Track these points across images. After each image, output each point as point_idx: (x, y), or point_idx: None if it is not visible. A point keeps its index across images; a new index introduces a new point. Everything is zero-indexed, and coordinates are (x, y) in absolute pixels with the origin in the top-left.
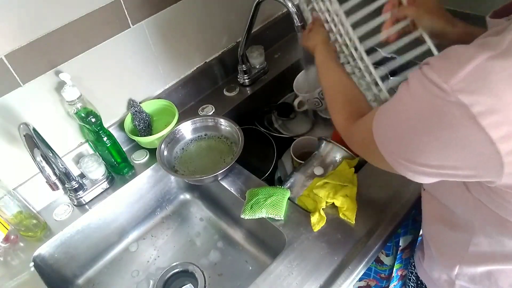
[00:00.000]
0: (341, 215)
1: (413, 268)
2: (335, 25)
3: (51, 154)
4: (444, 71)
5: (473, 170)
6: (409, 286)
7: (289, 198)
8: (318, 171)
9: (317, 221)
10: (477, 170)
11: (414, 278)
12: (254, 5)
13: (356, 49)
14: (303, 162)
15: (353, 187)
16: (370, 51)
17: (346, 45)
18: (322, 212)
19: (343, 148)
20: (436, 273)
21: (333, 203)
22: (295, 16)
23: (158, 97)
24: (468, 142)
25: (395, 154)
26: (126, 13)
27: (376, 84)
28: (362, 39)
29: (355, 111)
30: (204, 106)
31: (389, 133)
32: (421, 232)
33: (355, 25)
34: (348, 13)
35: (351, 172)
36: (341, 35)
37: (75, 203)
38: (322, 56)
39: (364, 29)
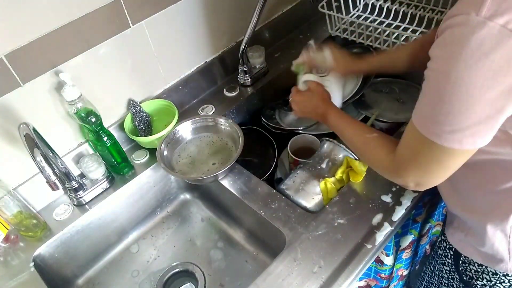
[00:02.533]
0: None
1: (447, 251)
2: None
3: (51, 154)
4: (468, 8)
5: None
6: (443, 270)
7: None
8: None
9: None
10: None
11: (450, 261)
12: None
13: None
14: (299, 159)
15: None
16: None
17: None
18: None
19: (344, 147)
20: (486, 238)
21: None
22: None
23: (158, 97)
24: None
25: (453, 130)
26: (126, 13)
27: None
28: None
29: (391, 143)
30: (204, 106)
31: (434, 107)
32: (435, 223)
33: None
34: None
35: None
36: None
37: (75, 203)
38: (337, 116)
39: None
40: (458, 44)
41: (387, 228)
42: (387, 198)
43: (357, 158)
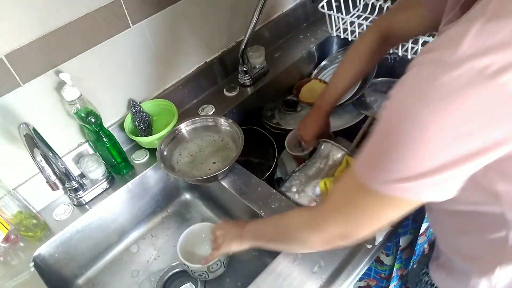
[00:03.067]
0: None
1: (430, 287)
2: None
3: (51, 154)
4: (444, 45)
5: (504, 140)
6: None
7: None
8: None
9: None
10: (508, 135)
11: None
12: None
13: None
14: (298, 154)
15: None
16: None
17: None
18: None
19: (342, 148)
20: (470, 283)
21: None
22: None
23: (158, 97)
24: (491, 106)
25: (403, 177)
26: (126, 13)
27: None
28: None
29: (306, 209)
30: (204, 106)
31: (385, 153)
32: (433, 251)
33: None
34: None
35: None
36: None
37: (75, 203)
38: (251, 224)
39: None
40: (424, 83)
41: (386, 228)
42: None
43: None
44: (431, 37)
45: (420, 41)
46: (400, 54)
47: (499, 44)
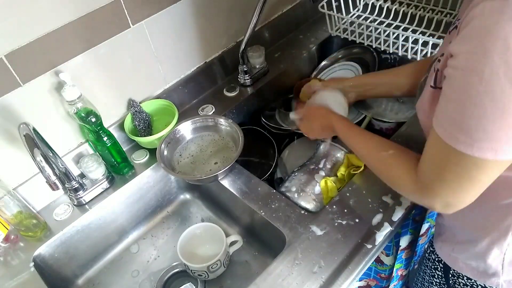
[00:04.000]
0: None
1: (437, 263)
2: None
3: (51, 154)
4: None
5: None
6: (433, 282)
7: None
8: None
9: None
10: None
11: (440, 273)
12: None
13: None
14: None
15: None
16: None
17: None
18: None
19: (340, 147)
20: (480, 252)
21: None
22: None
23: (158, 97)
24: None
25: (489, 138)
26: (126, 13)
27: None
28: None
29: (411, 159)
30: (204, 106)
31: (464, 113)
32: (434, 222)
33: None
34: None
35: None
36: None
37: (75, 203)
38: (344, 129)
39: None
40: (491, 35)
41: (387, 228)
42: (387, 198)
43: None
44: (431, 37)
45: (420, 41)
46: (400, 54)
47: None
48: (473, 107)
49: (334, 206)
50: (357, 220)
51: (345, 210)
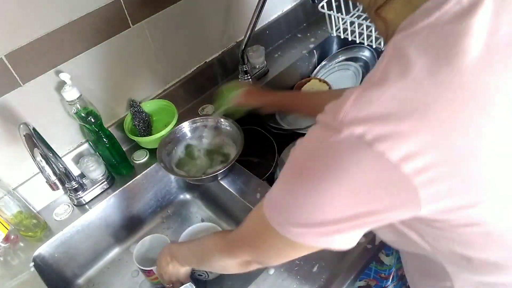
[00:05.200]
0: None
1: None
2: None
3: (51, 154)
4: (332, 109)
5: (390, 208)
6: None
7: None
8: None
9: None
10: (395, 206)
11: None
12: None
13: None
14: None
15: None
16: None
17: None
18: None
19: None
20: None
21: None
22: None
23: (158, 97)
24: (372, 174)
25: (296, 223)
26: (126, 13)
27: None
28: None
29: (225, 231)
30: (204, 106)
31: (283, 196)
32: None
33: None
34: None
35: None
36: None
37: (75, 203)
38: (177, 245)
39: None
40: (316, 144)
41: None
42: None
43: None
44: None
45: None
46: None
47: (373, 113)
48: (292, 196)
49: None
50: None
51: None
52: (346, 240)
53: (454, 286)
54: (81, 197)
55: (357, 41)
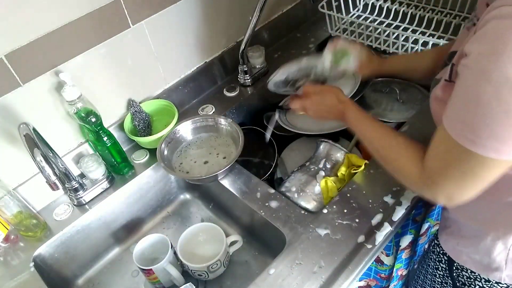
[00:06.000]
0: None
1: (441, 256)
2: None
3: (51, 154)
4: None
5: None
6: (436, 275)
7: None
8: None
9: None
10: None
11: (444, 266)
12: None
13: None
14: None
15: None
16: None
17: None
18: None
19: (341, 147)
20: (485, 247)
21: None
22: None
23: (158, 97)
24: None
25: (493, 136)
26: (126, 13)
27: None
28: None
29: (418, 151)
30: (204, 106)
31: (471, 111)
32: (434, 222)
33: None
34: None
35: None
36: None
37: (75, 203)
38: (356, 116)
39: None
40: (503, 38)
41: (387, 228)
42: (387, 198)
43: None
44: (431, 37)
45: (420, 41)
46: (400, 54)
47: None
48: (481, 107)
49: (334, 206)
50: (357, 220)
51: (345, 210)
52: None
53: None
54: (81, 197)
55: (357, 41)
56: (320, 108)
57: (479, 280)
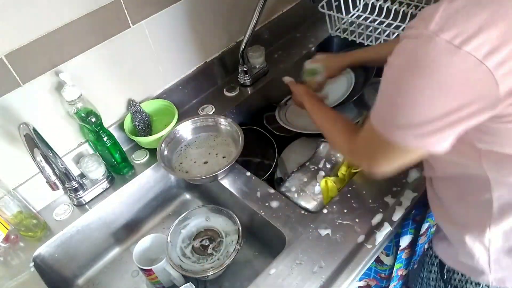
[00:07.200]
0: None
1: (434, 259)
2: None
3: (51, 154)
4: (420, 22)
5: (475, 103)
6: (430, 278)
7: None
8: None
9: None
10: (479, 101)
11: (436, 268)
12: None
13: None
14: None
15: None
16: None
17: None
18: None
19: None
20: (466, 250)
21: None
22: None
23: (158, 97)
24: (460, 73)
25: (397, 125)
26: (126, 13)
27: None
28: None
29: (352, 131)
30: (204, 106)
31: (383, 105)
32: (434, 222)
33: None
34: None
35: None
36: None
37: (75, 203)
38: (310, 102)
39: None
40: (408, 55)
41: (387, 228)
42: (387, 198)
43: None
44: None
45: None
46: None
47: (460, 20)
48: (390, 103)
49: (334, 206)
50: (357, 220)
51: (345, 210)
52: (441, 141)
53: (492, 196)
54: (81, 197)
55: (357, 41)
56: (295, 98)
57: (470, 283)
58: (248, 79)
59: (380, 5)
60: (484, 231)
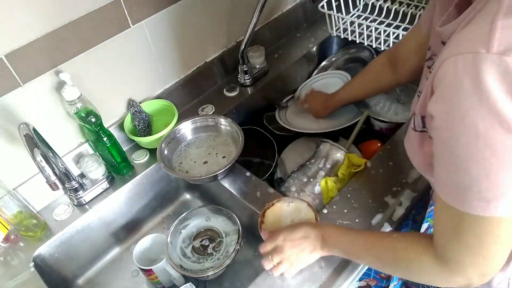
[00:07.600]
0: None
1: None
2: None
3: (51, 154)
4: (473, 44)
5: None
6: None
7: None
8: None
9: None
10: None
11: None
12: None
13: None
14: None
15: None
16: None
17: None
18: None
19: (341, 147)
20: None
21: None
22: None
23: (158, 97)
24: None
25: (486, 189)
26: (126, 13)
27: None
28: None
29: (421, 237)
30: (204, 106)
31: (457, 172)
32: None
33: None
34: None
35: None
36: None
37: (75, 203)
38: (336, 234)
39: None
40: (466, 90)
41: (387, 228)
42: (387, 198)
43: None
44: None
45: None
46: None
47: None
48: (476, 165)
49: (334, 206)
50: (357, 220)
51: (345, 210)
52: None
53: None
54: (81, 197)
55: (357, 41)
56: (293, 239)
57: None
58: (248, 79)
59: (380, 5)
60: (509, 261)
